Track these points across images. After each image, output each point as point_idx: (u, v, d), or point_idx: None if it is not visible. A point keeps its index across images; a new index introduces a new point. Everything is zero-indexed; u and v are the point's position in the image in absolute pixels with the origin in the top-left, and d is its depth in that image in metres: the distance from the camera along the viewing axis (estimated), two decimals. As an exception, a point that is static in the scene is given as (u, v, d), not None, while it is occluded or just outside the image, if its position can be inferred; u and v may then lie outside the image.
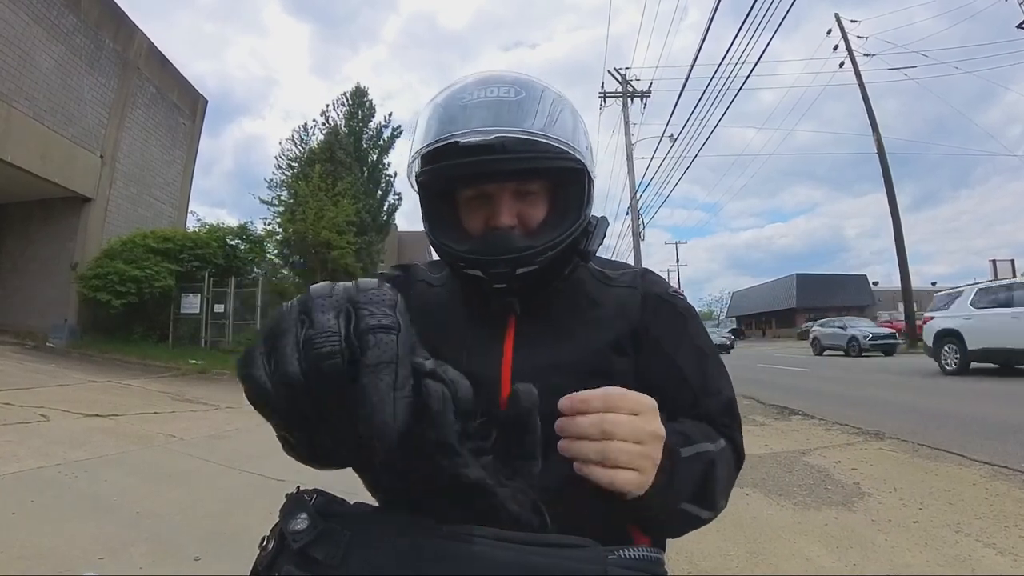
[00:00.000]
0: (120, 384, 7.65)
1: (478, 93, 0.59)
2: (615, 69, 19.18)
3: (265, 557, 0.37)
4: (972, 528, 2.64)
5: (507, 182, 0.61)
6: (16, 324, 11.44)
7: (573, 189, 0.63)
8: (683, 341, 0.67)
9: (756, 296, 54.00)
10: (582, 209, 0.63)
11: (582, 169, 0.62)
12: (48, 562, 2.28)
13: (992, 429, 4.71)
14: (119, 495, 3.17)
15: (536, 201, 0.63)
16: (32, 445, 4.07)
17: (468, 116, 0.58)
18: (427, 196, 0.65)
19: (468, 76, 0.63)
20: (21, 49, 9.91)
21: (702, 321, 0.74)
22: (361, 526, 0.36)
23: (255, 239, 13.64)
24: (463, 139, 0.56)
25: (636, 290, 0.68)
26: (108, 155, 12.11)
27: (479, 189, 0.62)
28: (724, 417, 0.65)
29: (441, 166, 0.60)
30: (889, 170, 18.09)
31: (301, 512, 0.37)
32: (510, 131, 0.56)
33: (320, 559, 0.35)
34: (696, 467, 0.53)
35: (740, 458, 0.65)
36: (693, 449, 0.54)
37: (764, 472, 3.83)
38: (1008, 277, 10.82)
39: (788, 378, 10.81)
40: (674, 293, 0.71)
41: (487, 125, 0.57)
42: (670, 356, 0.66)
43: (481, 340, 0.64)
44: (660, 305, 0.68)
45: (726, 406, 0.66)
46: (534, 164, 0.59)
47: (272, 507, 0.43)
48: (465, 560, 0.33)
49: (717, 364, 0.68)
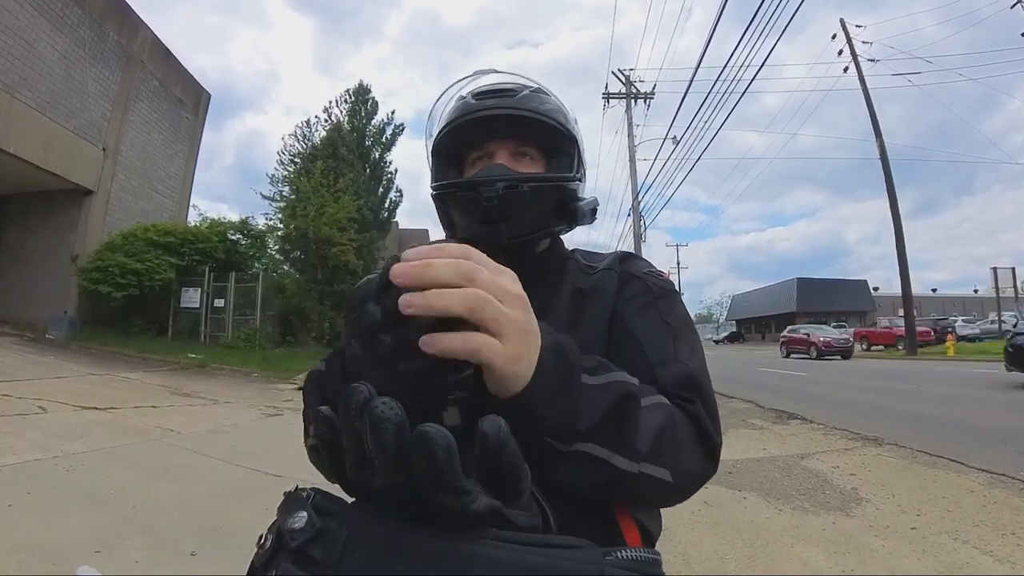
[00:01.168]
0: (119, 377, 7.65)
1: (484, 81, 0.71)
2: (619, 70, 19.18)
3: (263, 555, 0.37)
4: (970, 535, 2.63)
5: (510, 139, 0.67)
6: (16, 315, 11.45)
7: (565, 159, 0.69)
8: (647, 315, 0.62)
9: (756, 300, 54.02)
10: (573, 172, 0.69)
11: (572, 140, 0.68)
12: (44, 555, 2.27)
13: (991, 436, 4.70)
14: (116, 488, 3.17)
15: (532, 165, 0.68)
16: (29, 437, 4.06)
17: (477, 103, 0.67)
18: (438, 159, 0.71)
19: (467, 75, 0.72)
20: (25, 40, 9.91)
21: (683, 303, 0.68)
22: (359, 525, 0.35)
23: (256, 234, 13.66)
24: (478, 114, 0.66)
25: (613, 271, 0.67)
26: (110, 148, 12.12)
27: (483, 149, 0.68)
28: (682, 390, 0.55)
29: (453, 121, 0.67)
30: (891, 176, 18.09)
31: (299, 510, 0.37)
32: (512, 106, 0.66)
33: (318, 558, 0.34)
34: (605, 397, 0.45)
35: (706, 438, 0.53)
36: (605, 378, 0.46)
37: (762, 476, 3.82)
38: (1009, 286, 10.80)
39: (787, 382, 10.81)
40: (649, 272, 0.67)
41: (494, 106, 0.66)
42: (629, 329, 0.61)
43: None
44: (630, 281, 0.66)
45: (684, 377, 0.56)
46: (531, 128, 0.66)
47: (269, 503, 0.43)
48: (462, 559, 0.33)
49: (686, 339, 0.61)
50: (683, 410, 0.53)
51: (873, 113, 18.53)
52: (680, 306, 0.66)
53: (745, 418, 6.39)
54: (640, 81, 19.09)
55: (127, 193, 12.87)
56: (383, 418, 0.31)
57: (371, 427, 0.32)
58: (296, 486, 0.41)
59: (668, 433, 0.48)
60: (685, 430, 0.51)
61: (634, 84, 18.96)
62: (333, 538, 0.35)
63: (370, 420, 0.32)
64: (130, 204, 12.90)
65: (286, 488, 0.41)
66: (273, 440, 4.71)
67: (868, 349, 22.57)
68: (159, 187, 14.06)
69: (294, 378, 8.78)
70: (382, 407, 0.32)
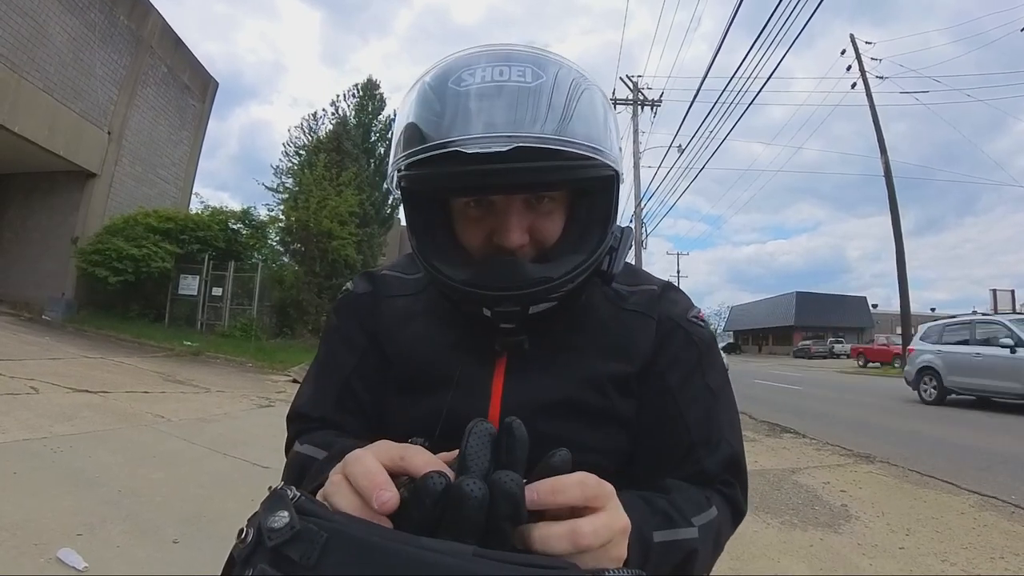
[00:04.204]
0: (113, 361, 7.63)
1: (483, 74, 0.47)
2: (627, 76, 19.21)
3: (243, 550, 0.36)
4: (959, 558, 2.62)
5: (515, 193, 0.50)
6: (13, 295, 11.43)
7: (600, 198, 0.52)
8: (692, 378, 0.58)
9: (755, 312, 54.03)
10: (608, 224, 0.53)
11: (613, 176, 0.51)
12: (26, 534, 2.26)
13: (982, 459, 4.69)
14: (102, 472, 3.15)
15: (553, 213, 0.53)
16: (19, 417, 4.05)
17: (473, 109, 0.46)
18: (412, 202, 0.53)
19: (469, 48, 0.51)
20: (35, 21, 9.91)
21: (720, 352, 0.65)
22: (339, 529, 0.35)
23: (257, 225, 13.64)
24: (468, 148, 0.44)
25: (651, 318, 0.60)
26: (116, 132, 12.11)
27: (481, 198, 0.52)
28: (726, 472, 0.57)
29: (434, 174, 0.48)
30: (895, 193, 18.09)
31: (281, 509, 0.36)
32: (527, 137, 0.45)
33: (295, 559, 0.34)
34: (673, 555, 0.48)
35: (739, 516, 0.58)
36: (671, 535, 0.48)
37: (752, 489, 3.75)
38: (1008, 308, 10.81)
39: (781, 395, 10.81)
40: (693, 319, 0.61)
41: (498, 124, 0.45)
42: (672, 395, 0.58)
43: (468, 369, 0.56)
44: (674, 331, 0.59)
45: (728, 461, 0.57)
46: (557, 176, 0.48)
47: (254, 494, 0.42)
48: (440, 572, 0.32)
49: (727, 408, 0.60)
50: (723, 495, 0.56)
51: (880, 130, 18.54)
52: (719, 359, 0.63)
53: (738, 430, 6.37)
54: (648, 88, 19.12)
55: (130, 178, 12.85)
56: (470, 497, 0.34)
57: (459, 506, 0.35)
58: (282, 483, 0.40)
59: (716, 546, 0.53)
60: (727, 520, 0.55)
61: (641, 91, 18.98)
62: (312, 541, 0.34)
63: (460, 497, 0.34)
64: (133, 189, 12.88)
65: (272, 483, 0.40)
66: (263, 431, 4.69)
67: (865, 366, 22.61)
68: (163, 173, 14.04)
69: (288, 370, 8.76)
70: (471, 487, 0.35)
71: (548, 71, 0.48)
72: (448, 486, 0.35)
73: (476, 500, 0.34)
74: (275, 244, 14.03)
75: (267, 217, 13.74)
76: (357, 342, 0.63)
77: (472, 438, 0.38)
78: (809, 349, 35.53)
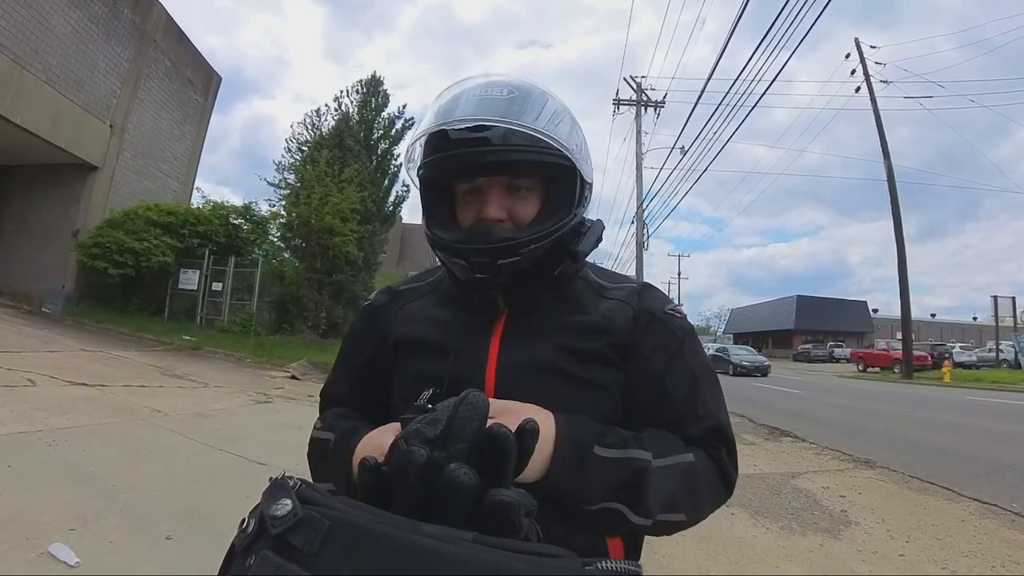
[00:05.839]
0: (111, 354, 7.62)
1: (474, 93, 0.63)
2: (631, 77, 19.16)
3: (244, 539, 0.37)
4: (959, 565, 2.60)
5: (497, 175, 0.62)
6: (13, 286, 11.42)
7: (564, 187, 0.64)
8: (674, 362, 0.65)
9: (755, 315, 53.95)
10: (572, 208, 0.64)
11: (572, 167, 0.63)
12: (19, 528, 2.24)
13: (983, 466, 4.67)
14: (97, 466, 3.13)
15: (527, 197, 0.64)
16: (16, 409, 4.03)
17: (459, 111, 0.61)
18: (426, 190, 0.67)
19: (475, 77, 0.66)
20: (39, 13, 9.88)
21: (700, 340, 0.71)
22: (341, 516, 0.36)
23: (258, 220, 13.61)
24: (447, 127, 0.60)
25: (629, 306, 0.68)
26: (118, 125, 12.08)
27: (473, 183, 0.64)
28: (711, 439, 0.63)
29: (433, 158, 0.63)
30: (897, 199, 18.05)
31: (283, 497, 0.37)
32: (496, 121, 0.59)
33: (298, 546, 0.35)
34: (619, 472, 0.54)
35: (726, 476, 0.63)
36: (620, 452, 0.55)
37: (751, 493, 3.78)
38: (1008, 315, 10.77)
39: (781, 399, 10.78)
40: (671, 311, 0.69)
41: (478, 115, 0.59)
42: (659, 377, 0.65)
43: (469, 337, 0.66)
44: (652, 322, 0.67)
45: (713, 429, 0.63)
46: (521, 156, 0.61)
47: (250, 490, 0.44)
48: (441, 559, 0.33)
49: (710, 387, 0.66)
50: (710, 456, 0.62)
51: (883, 135, 18.48)
52: (700, 347, 0.70)
53: (737, 433, 6.21)
54: (651, 89, 19.08)
55: (132, 171, 12.83)
56: (461, 484, 0.37)
57: (449, 493, 0.37)
58: (283, 472, 0.41)
59: (687, 486, 0.58)
60: (710, 474, 0.61)
61: (645, 92, 18.95)
62: (314, 528, 0.35)
63: (450, 483, 0.37)
64: (134, 182, 12.86)
65: (271, 474, 0.41)
66: (260, 427, 4.68)
67: (864, 370, 22.56)
68: (164, 167, 14.02)
69: (287, 366, 8.75)
70: (460, 474, 0.37)
71: (524, 92, 0.63)
72: (428, 461, 0.38)
73: (468, 488, 0.37)
74: (276, 240, 14.01)
75: (268, 213, 13.73)
76: (367, 342, 0.76)
77: (463, 407, 0.41)
78: (809, 353, 35.49)
